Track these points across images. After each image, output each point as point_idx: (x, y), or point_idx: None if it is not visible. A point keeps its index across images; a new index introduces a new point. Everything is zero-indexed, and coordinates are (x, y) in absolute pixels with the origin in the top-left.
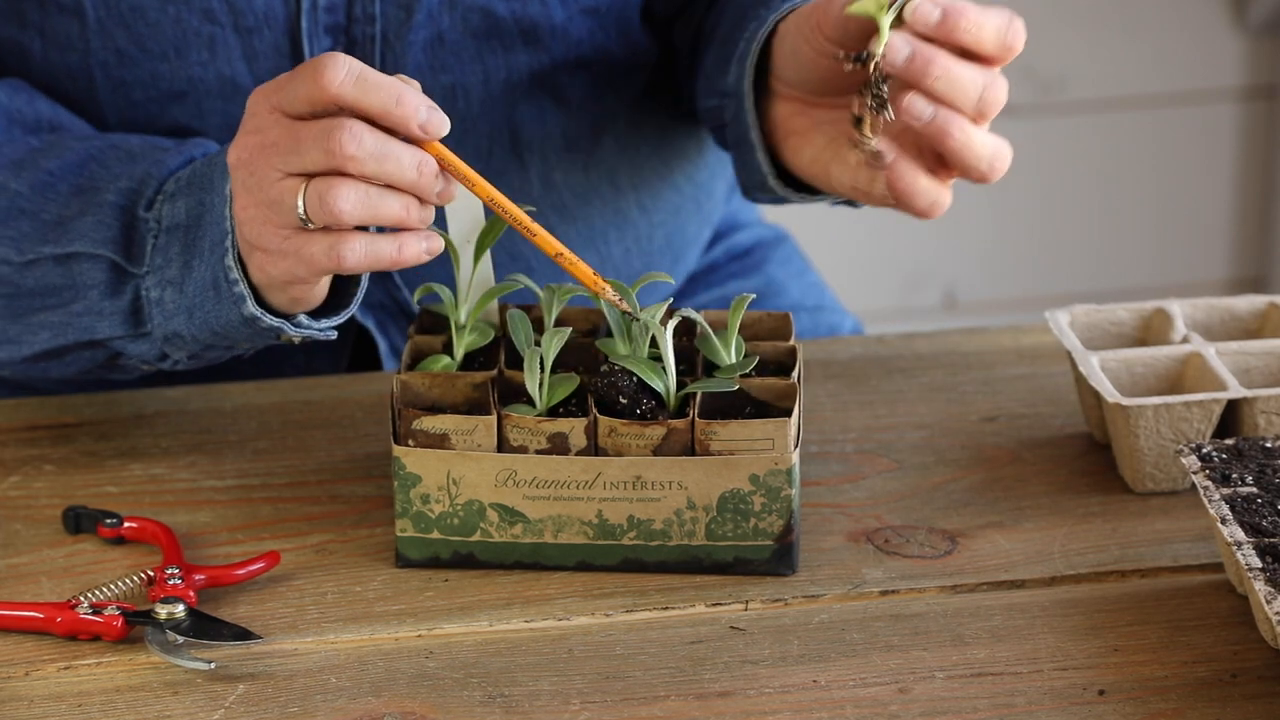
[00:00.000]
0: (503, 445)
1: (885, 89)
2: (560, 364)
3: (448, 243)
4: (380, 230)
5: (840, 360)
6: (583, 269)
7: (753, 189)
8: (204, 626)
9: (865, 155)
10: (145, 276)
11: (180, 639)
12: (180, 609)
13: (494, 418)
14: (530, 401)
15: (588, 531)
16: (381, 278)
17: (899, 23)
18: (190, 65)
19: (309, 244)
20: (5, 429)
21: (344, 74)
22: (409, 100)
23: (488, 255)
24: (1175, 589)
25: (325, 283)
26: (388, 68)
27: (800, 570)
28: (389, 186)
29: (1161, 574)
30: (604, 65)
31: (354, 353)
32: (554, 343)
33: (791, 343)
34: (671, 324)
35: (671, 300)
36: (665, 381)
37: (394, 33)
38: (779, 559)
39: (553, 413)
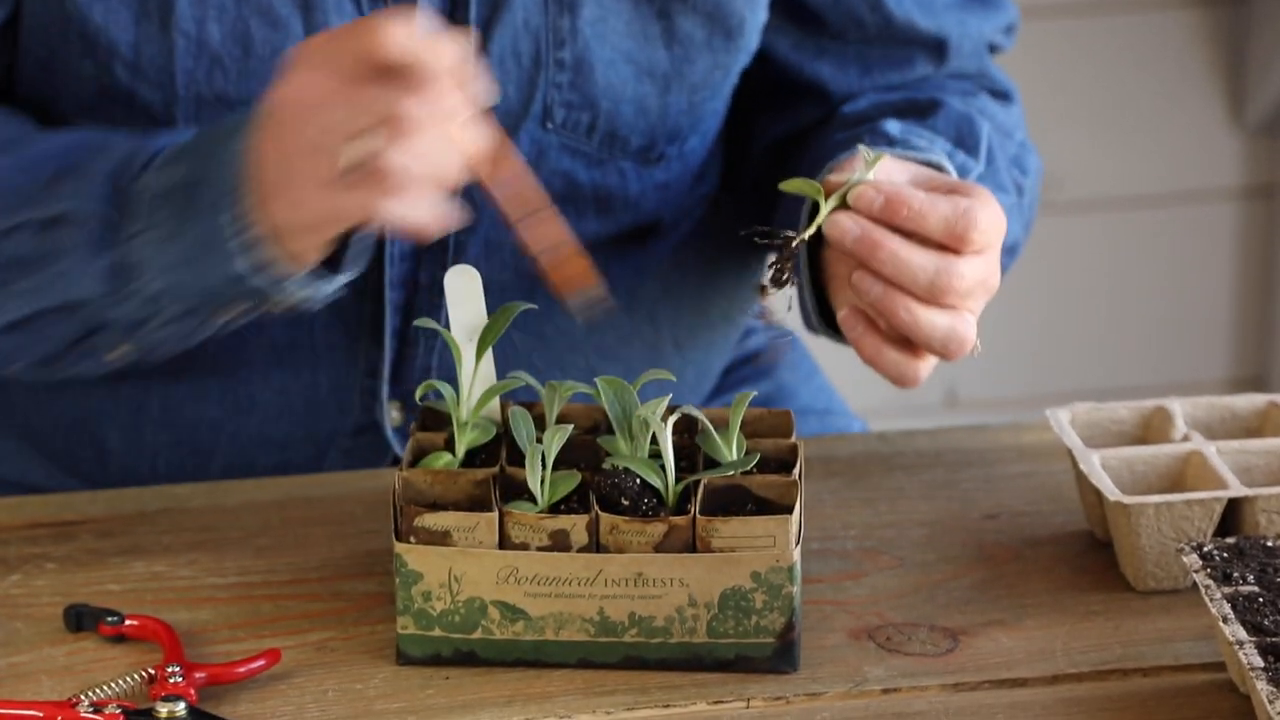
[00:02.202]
0: (504, 542)
1: (788, 269)
2: (561, 461)
3: (449, 340)
4: None
5: (841, 457)
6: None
7: (805, 323)
8: None
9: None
10: (135, 237)
11: None
12: (181, 707)
13: (495, 515)
14: (532, 498)
15: (589, 629)
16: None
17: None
18: None
19: (346, 194)
20: (7, 527)
21: (396, 37)
22: (458, 73)
23: (489, 353)
24: (1177, 688)
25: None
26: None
27: (802, 668)
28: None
29: (1164, 673)
30: (654, 225)
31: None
32: (556, 440)
33: (792, 440)
34: (671, 420)
35: (670, 396)
36: (665, 480)
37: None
38: (780, 657)
39: (554, 510)
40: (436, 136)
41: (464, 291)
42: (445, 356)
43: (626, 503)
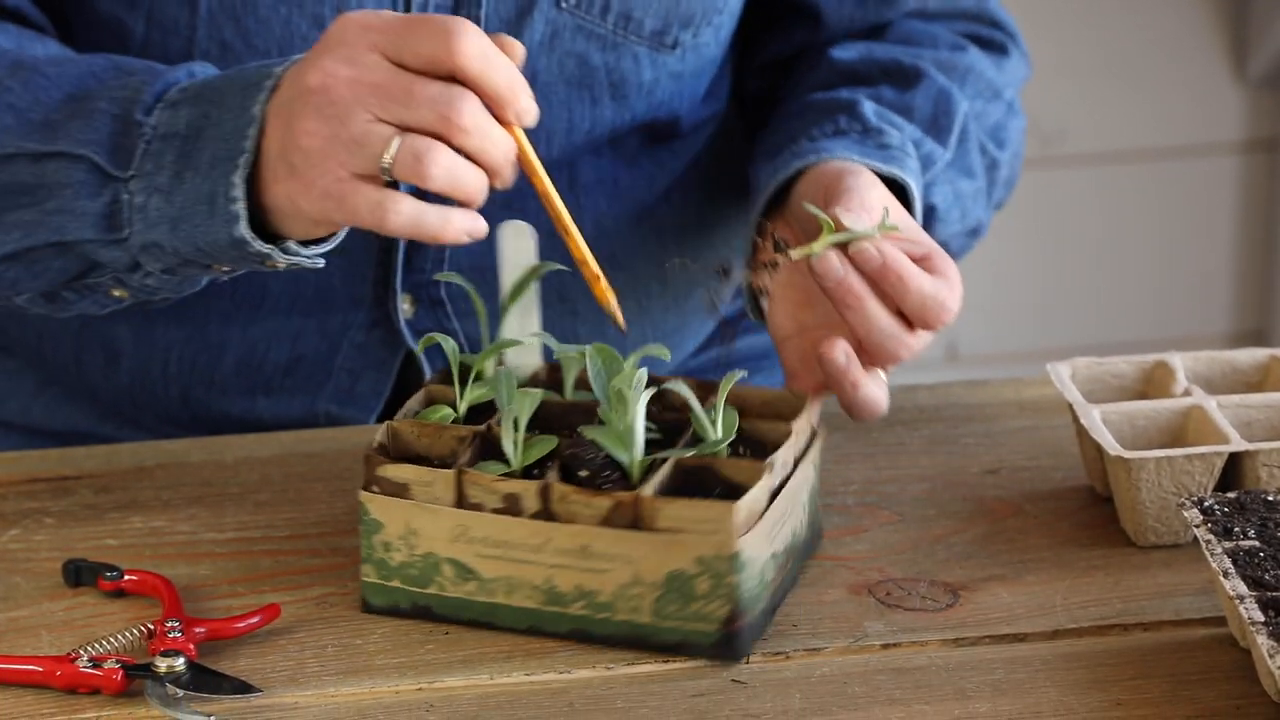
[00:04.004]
0: (462, 501)
1: (767, 277)
2: (561, 424)
3: (475, 301)
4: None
5: (842, 412)
6: (592, 272)
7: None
8: (204, 680)
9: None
10: (130, 181)
11: (180, 692)
12: (180, 662)
13: (454, 473)
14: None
15: (537, 596)
16: (433, 307)
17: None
18: None
19: (358, 192)
20: (5, 482)
21: (477, 48)
22: (520, 87)
23: (533, 307)
24: (1178, 643)
25: None
26: None
27: (802, 623)
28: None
29: (1164, 627)
30: (672, 125)
31: (399, 377)
32: (527, 403)
33: (789, 426)
34: (647, 394)
35: (646, 371)
36: (631, 454)
37: None
38: (724, 645)
39: (527, 473)
40: (477, 151)
41: (517, 249)
42: (457, 247)
43: (585, 473)
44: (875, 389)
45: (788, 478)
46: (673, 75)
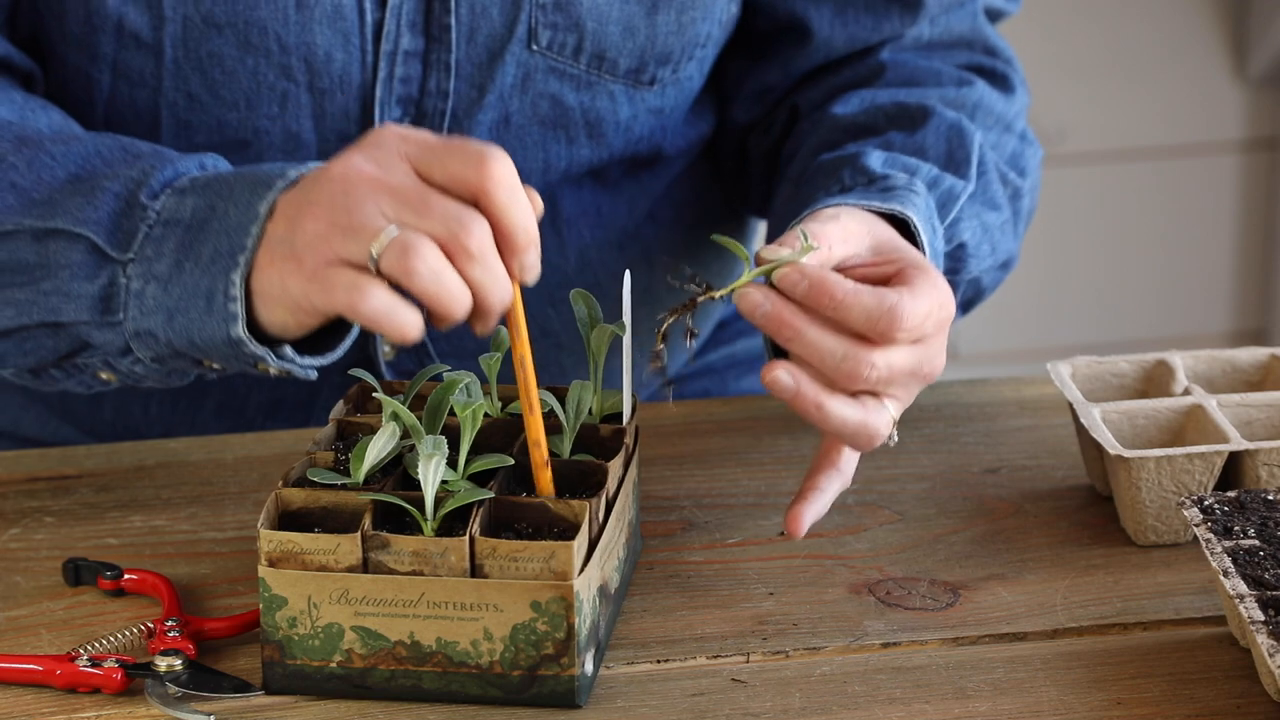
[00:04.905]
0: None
1: (690, 319)
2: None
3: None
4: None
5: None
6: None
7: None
8: (203, 679)
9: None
10: (128, 265)
11: (180, 691)
12: (179, 661)
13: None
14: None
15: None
16: (413, 348)
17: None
18: (259, 117)
19: (340, 273)
20: (6, 481)
21: (507, 177)
22: (534, 237)
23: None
24: (1178, 642)
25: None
26: None
27: (802, 622)
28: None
29: (1164, 627)
30: (653, 156)
31: None
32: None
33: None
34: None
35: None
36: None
37: (464, 110)
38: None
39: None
40: (473, 279)
41: (625, 299)
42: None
43: None
44: (849, 410)
45: None
46: (652, 111)
